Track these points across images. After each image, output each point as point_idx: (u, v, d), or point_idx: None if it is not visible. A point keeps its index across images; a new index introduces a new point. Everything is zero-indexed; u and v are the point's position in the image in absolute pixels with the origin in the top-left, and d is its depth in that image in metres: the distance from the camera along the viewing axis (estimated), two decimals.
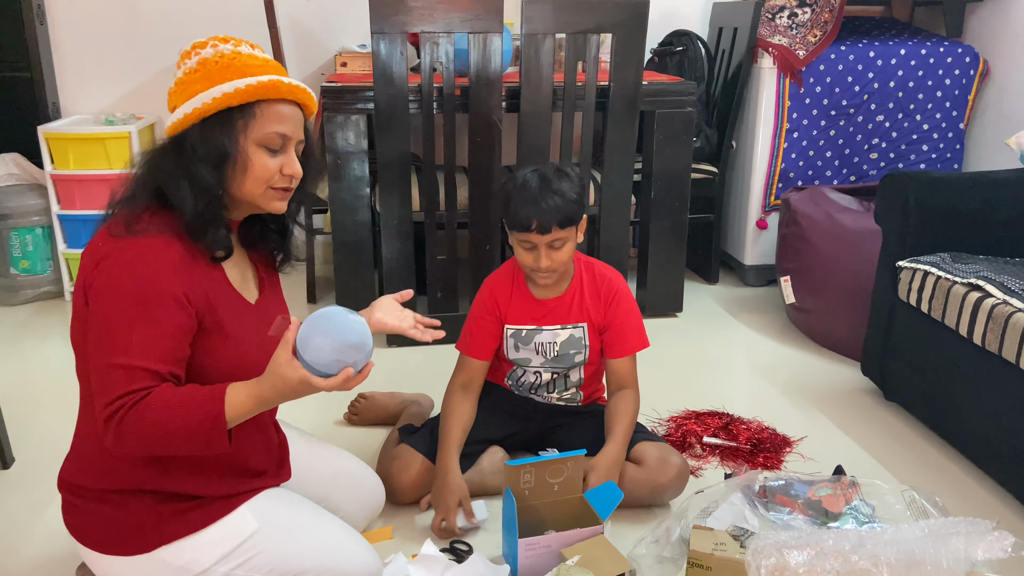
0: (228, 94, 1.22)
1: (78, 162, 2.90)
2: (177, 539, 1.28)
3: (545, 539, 1.52)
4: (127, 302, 1.16)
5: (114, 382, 1.14)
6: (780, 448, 2.04)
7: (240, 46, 1.27)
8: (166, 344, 1.17)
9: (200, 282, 1.23)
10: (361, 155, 2.55)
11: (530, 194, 1.66)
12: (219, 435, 1.16)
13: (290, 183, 1.30)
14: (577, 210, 1.70)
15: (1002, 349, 1.77)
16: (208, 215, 1.24)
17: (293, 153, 1.30)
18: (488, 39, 2.44)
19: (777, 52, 2.95)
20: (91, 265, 1.20)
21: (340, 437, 2.07)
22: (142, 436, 1.13)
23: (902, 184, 2.13)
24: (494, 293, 1.83)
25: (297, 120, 1.29)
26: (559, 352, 1.82)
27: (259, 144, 1.25)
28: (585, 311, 1.81)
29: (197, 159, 1.23)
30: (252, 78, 1.23)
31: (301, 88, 1.29)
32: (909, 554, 1.29)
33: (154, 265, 1.18)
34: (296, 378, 1.14)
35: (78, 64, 3.18)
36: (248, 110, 1.24)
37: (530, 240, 1.69)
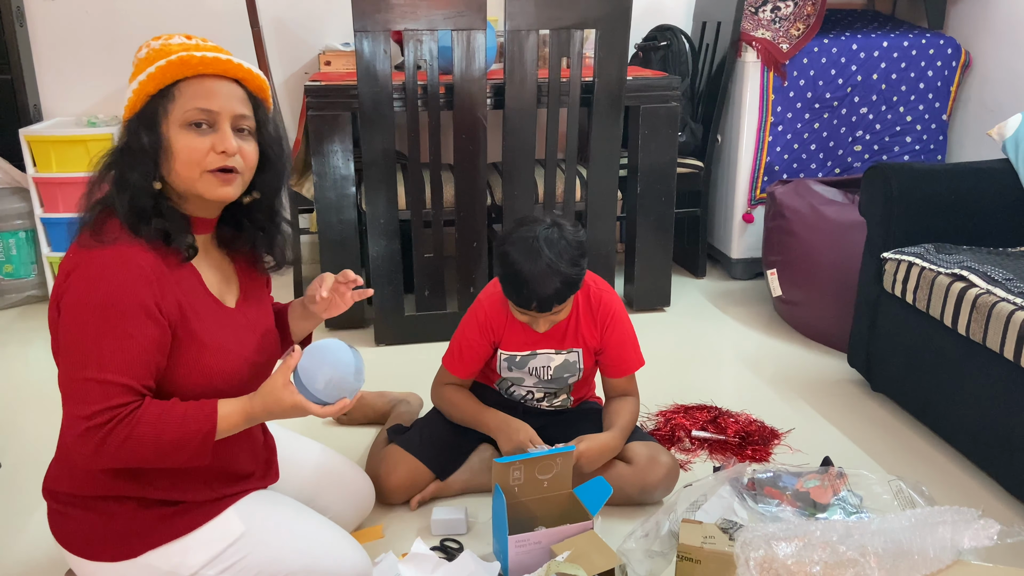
0: (143, 82, 1.18)
1: (60, 165, 2.88)
2: (163, 543, 1.27)
3: (535, 535, 1.52)
4: (96, 315, 1.13)
5: (89, 396, 1.12)
6: (768, 440, 2.04)
7: (172, 38, 1.22)
8: (138, 357, 1.15)
9: (172, 291, 1.20)
10: (346, 154, 2.54)
11: (529, 278, 1.56)
12: (205, 450, 1.18)
13: (226, 161, 1.20)
14: (577, 278, 1.61)
15: (986, 338, 1.78)
16: (139, 211, 1.18)
17: (227, 129, 1.20)
18: (472, 36, 2.44)
19: (760, 46, 2.95)
20: (62, 278, 1.18)
21: (329, 437, 2.06)
22: (128, 450, 1.13)
23: (886, 176, 2.14)
24: (489, 317, 1.76)
25: (229, 95, 1.21)
26: (553, 375, 1.80)
27: (182, 124, 1.18)
28: (580, 336, 1.77)
29: (125, 156, 1.19)
30: (163, 59, 1.17)
31: (222, 60, 1.19)
32: (896, 544, 1.30)
33: (121, 275, 1.15)
34: (290, 402, 1.20)
35: (59, 66, 3.15)
36: (168, 93, 1.18)
37: (528, 313, 1.66)
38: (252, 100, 1.26)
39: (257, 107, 1.27)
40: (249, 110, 1.24)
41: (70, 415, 1.13)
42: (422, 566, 1.52)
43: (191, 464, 1.19)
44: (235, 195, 1.24)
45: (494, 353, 1.80)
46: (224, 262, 1.36)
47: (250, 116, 1.25)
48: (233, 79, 1.23)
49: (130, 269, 1.15)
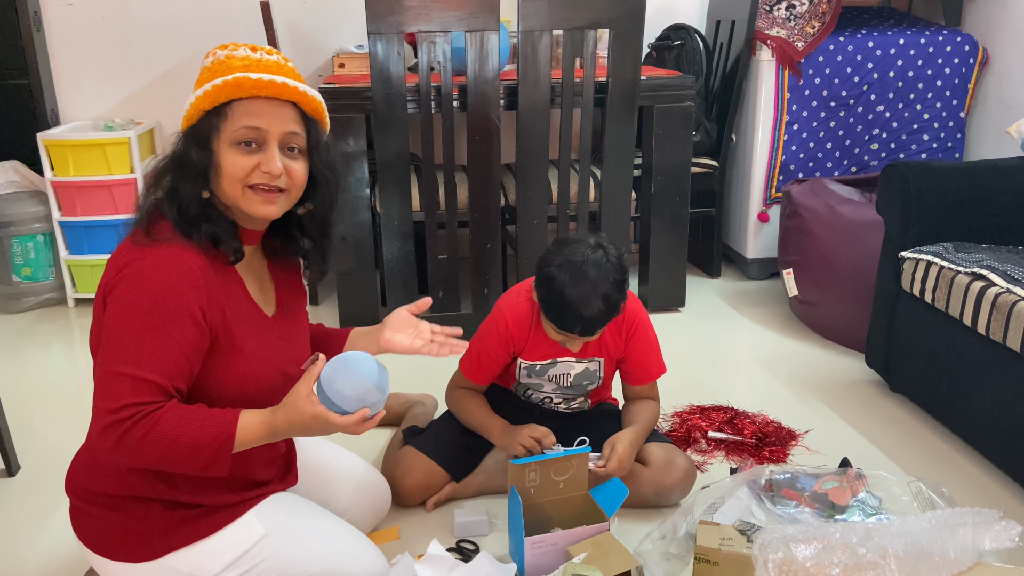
0: (199, 98, 1.20)
1: (78, 168, 2.90)
2: (184, 546, 1.28)
3: (551, 537, 1.52)
4: (142, 313, 1.15)
5: (118, 390, 1.13)
6: (785, 441, 2.03)
7: (238, 50, 1.24)
8: (175, 359, 1.16)
9: (217, 295, 1.22)
10: (360, 156, 2.54)
11: (574, 301, 1.54)
12: (223, 458, 1.16)
13: (271, 180, 1.22)
14: (621, 302, 1.59)
15: (1006, 338, 1.76)
16: (189, 218, 1.21)
17: (274, 150, 1.22)
18: (485, 37, 2.44)
19: (775, 44, 2.94)
20: (113, 272, 1.20)
21: (344, 439, 2.05)
22: (146, 448, 1.13)
23: (903, 174, 2.12)
24: (511, 331, 1.73)
25: (279, 114, 1.22)
26: (572, 383, 1.79)
27: (231, 142, 1.21)
28: (604, 347, 1.75)
29: (177, 167, 1.22)
30: (219, 78, 1.19)
31: (277, 83, 1.20)
32: (916, 546, 1.29)
33: (173, 277, 1.17)
34: (311, 412, 1.17)
35: (76, 70, 3.18)
36: (222, 111, 1.20)
37: (568, 336, 1.64)
38: (305, 120, 1.27)
39: (311, 127, 1.27)
40: (301, 128, 1.25)
41: (97, 408, 1.14)
42: (438, 568, 1.52)
43: (207, 473, 1.17)
44: (278, 214, 1.26)
45: (513, 361, 1.80)
46: (263, 273, 1.38)
47: (301, 133, 1.25)
48: (288, 100, 1.23)
49: (181, 271, 1.17)
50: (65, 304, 3.08)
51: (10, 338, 2.80)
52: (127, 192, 2.95)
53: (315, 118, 1.29)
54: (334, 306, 2.91)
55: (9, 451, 1.94)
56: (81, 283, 3.03)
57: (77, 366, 2.54)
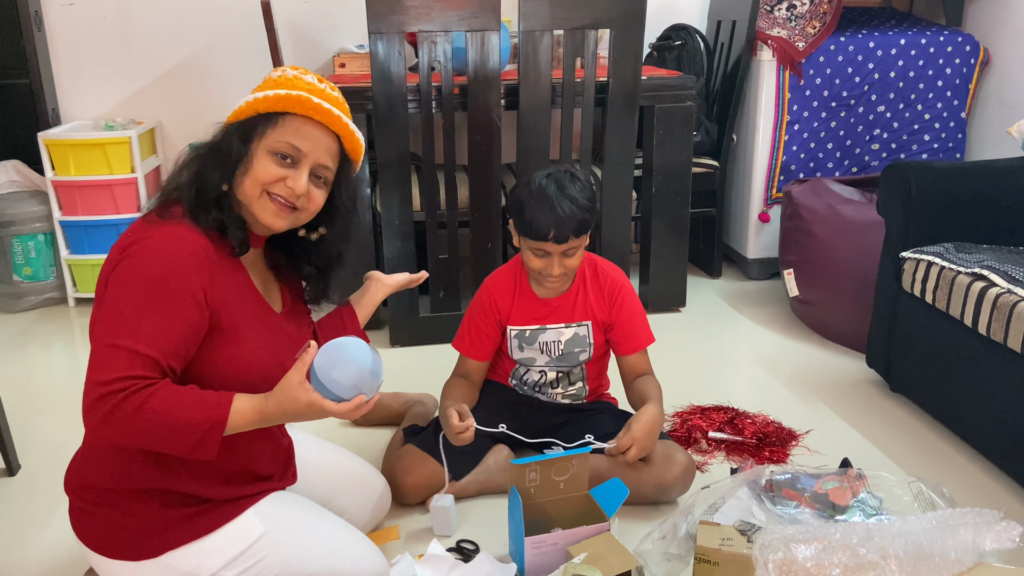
0: (257, 99, 1.26)
1: (79, 168, 2.90)
2: (184, 544, 1.28)
3: (551, 537, 1.52)
4: (143, 288, 1.16)
5: (113, 362, 1.13)
6: (786, 442, 2.03)
7: (307, 75, 1.30)
8: (173, 337, 1.17)
9: (221, 279, 1.24)
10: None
11: (547, 203, 1.64)
12: (212, 441, 1.15)
13: (291, 197, 1.27)
14: (591, 217, 1.69)
15: (1007, 338, 1.76)
16: (203, 203, 1.24)
17: (304, 172, 1.28)
18: (486, 37, 2.44)
19: (776, 44, 2.94)
20: (118, 251, 1.21)
21: (344, 438, 2.07)
22: (136, 423, 1.11)
23: (904, 174, 2.12)
24: (494, 296, 1.82)
25: (321, 143, 1.28)
26: (564, 351, 1.81)
27: (269, 150, 1.26)
28: (589, 309, 1.81)
29: (212, 154, 1.27)
30: (283, 89, 1.26)
31: (333, 114, 1.28)
32: (917, 546, 1.29)
33: (176, 255, 1.19)
34: (305, 400, 1.17)
35: (77, 70, 3.18)
36: (273, 119, 1.26)
37: (544, 248, 1.68)
38: (342, 157, 1.33)
39: (344, 165, 1.34)
40: (334, 164, 1.32)
41: (90, 380, 1.13)
42: (438, 567, 1.51)
43: (194, 455, 1.16)
44: (282, 228, 1.31)
45: (504, 337, 1.81)
46: (268, 276, 1.41)
47: (333, 168, 1.32)
48: (334, 132, 1.30)
49: (185, 250, 1.19)
50: (66, 304, 3.08)
51: (11, 337, 2.80)
52: (128, 192, 2.95)
53: (351, 157, 1.36)
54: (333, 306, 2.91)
55: (9, 450, 1.94)
56: (82, 283, 3.03)
57: (78, 366, 2.54)
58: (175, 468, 1.26)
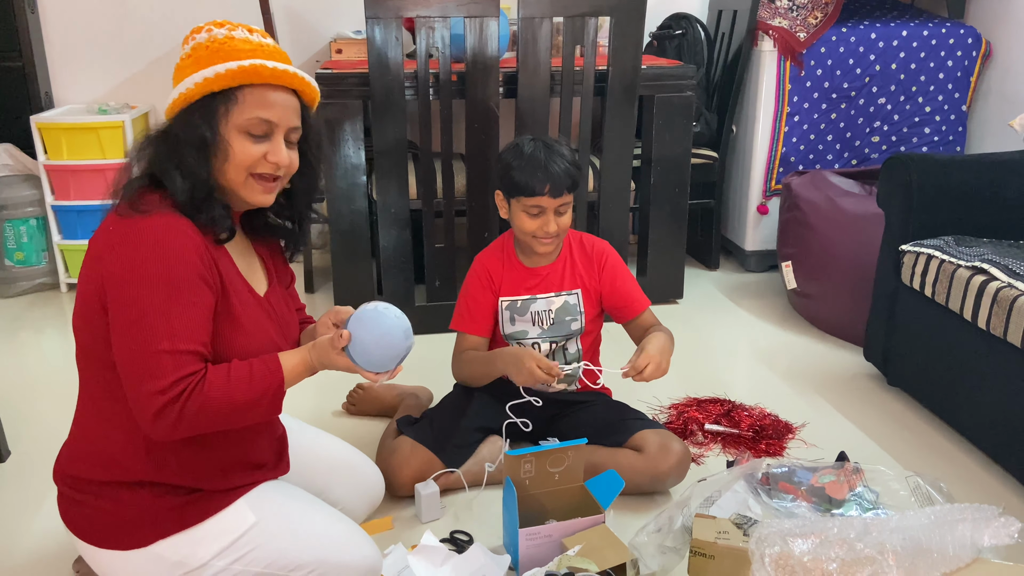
0: (208, 79, 1.20)
1: (71, 152, 2.87)
2: (174, 533, 1.26)
3: (546, 529, 1.50)
4: (160, 287, 1.14)
5: (162, 368, 1.12)
6: (782, 434, 2.02)
7: (235, 30, 1.24)
8: (203, 324, 1.17)
9: (214, 264, 1.22)
10: (357, 142, 2.52)
11: (538, 160, 1.68)
12: (278, 405, 1.23)
13: (276, 171, 1.25)
14: (579, 176, 1.74)
15: (1007, 333, 1.75)
16: (199, 197, 1.21)
17: (281, 141, 1.25)
18: (484, 23, 2.41)
19: (777, 35, 2.91)
20: (105, 250, 1.17)
21: (338, 427, 2.05)
22: (206, 417, 1.15)
23: (905, 167, 2.10)
24: (486, 266, 1.84)
25: (287, 107, 1.25)
26: (555, 319, 1.82)
27: (241, 130, 1.22)
28: (578, 277, 1.83)
29: (182, 144, 1.21)
30: (234, 62, 1.20)
31: (290, 73, 1.23)
32: (915, 541, 1.28)
33: (177, 245, 1.16)
34: (343, 365, 1.25)
35: (70, 53, 3.14)
36: (231, 95, 1.21)
37: (540, 205, 1.70)
38: (303, 110, 1.30)
39: (306, 116, 1.31)
40: (300, 121, 1.28)
41: (145, 392, 1.12)
42: (432, 558, 1.50)
43: (267, 418, 1.25)
44: (271, 201, 1.29)
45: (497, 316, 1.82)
46: (249, 251, 1.38)
47: (300, 127, 1.29)
48: (292, 90, 1.26)
49: (181, 238, 1.17)
50: (58, 289, 3.06)
51: (2, 323, 2.77)
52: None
53: (310, 106, 1.32)
54: (330, 295, 2.89)
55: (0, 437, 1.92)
56: (74, 268, 3.01)
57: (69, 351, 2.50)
58: (166, 460, 1.25)
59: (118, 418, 1.24)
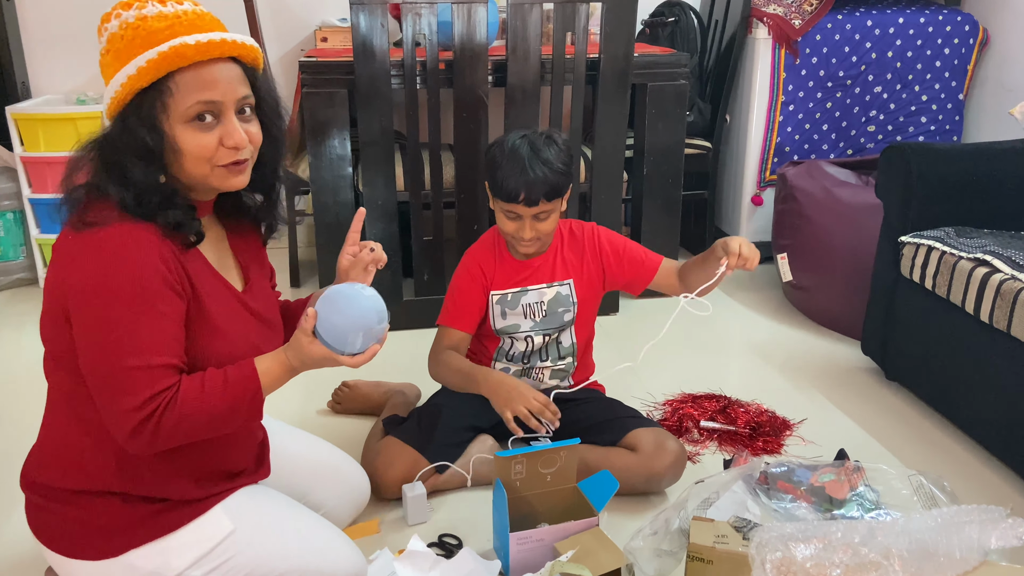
0: (132, 76, 1.08)
1: (49, 144, 2.79)
2: (147, 542, 1.21)
3: (538, 532, 1.45)
4: (125, 301, 1.07)
5: (135, 385, 1.07)
6: (780, 431, 1.97)
7: (145, 7, 1.11)
8: (174, 335, 1.11)
9: (183, 269, 1.14)
10: (342, 133, 2.45)
11: (518, 164, 1.60)
12: (258, 408, 1.17)
13: (237, 155, 1.15)
14: (565, 181, 1.65)
15: (1011, 327, 1.70)
16: (152, 203, 1.11)
17: (233, 120, 1.13)
18: (472, 10, 2.34)
19: (772, 22, 2.85)
20: (63, 264, 1.10)
21: (323, 427, 1.99)
22: (183, 430, 1.11)
23: (904, 156, 2.05)
24: (479, 261, 1.78)
25: (229, 79, 1.12)
26: (547, 311, 1.76)
27: (185, 120, 1.11)
28: (570, 266, 1.77)
29: (123, 153, 1.10)
30: (153, 50, 1.07)
31: (217, 42, 1.10)
32: (921, 545, 1.23)
33: (138, 254, 1.08)
34: (319, 354, 1.16)
35: (47, 42, 3.06)
36: (162, 87, 1.09)
37: (515, 211, 1.64)
38: (248, 74, 1.18)
39: (254, 80, 1.19)
40: (248, 87, 1.17)
41: (118, 410, 1.08)
42: (419, 564, 1.45)
43: (249, 424, 1.21)
44: (247, 182, 1.20)
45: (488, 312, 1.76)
46: (222, 243, 1.30)
47: (250, 94, 1.17)
48: (228, 58, 1.14)
49: (143, 247, 1.09)
50: (36, 285, 2.98)
51: None
52: None
53: (255, 66, 1.19)
54: (315, 288, 2.82)
55: None
56: None
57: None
58: (138, 470, 1.19)
59: (87, 426, 1.18)
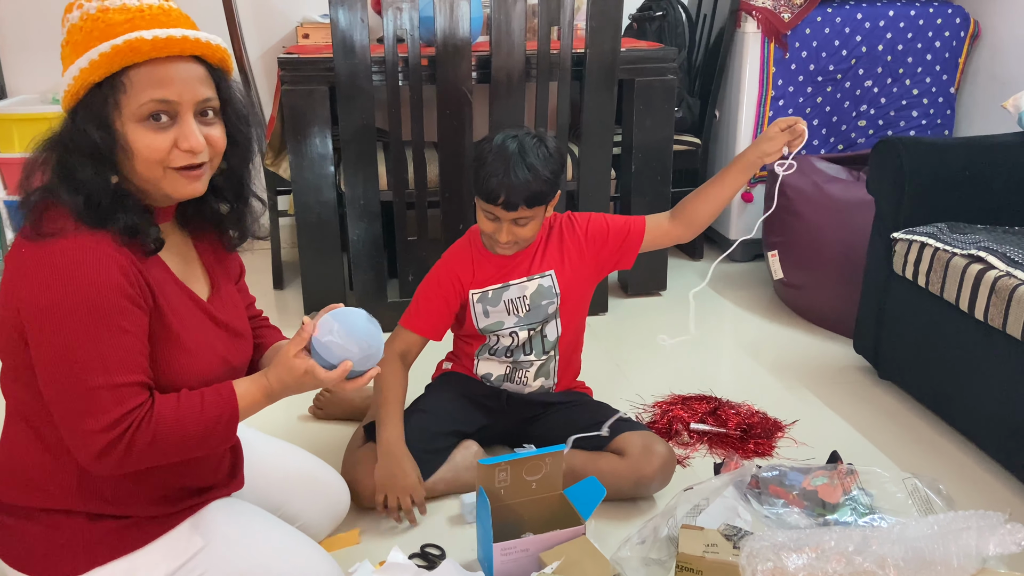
0: (84, 69, 1.02)
1: (23, 144, 2.73)
2: (112, 559, 1.15)
3: (522, 542, 1.40)
4: (84, 316, 1.01)
5: (100, 405, 1.02)
6: (771, 433, 1.93)
7: None
8: (139, 350, 1.06)
9: (143, 281, 1.08)
10: (323, 131, 2.39)
11: (503, 165, 1.54)
12: (233, 432, 1.14)
13: (193, 159, 1.07)
14: (549, 190, 1.59)
15: (1006, 324, 1.66)
16: (99, 209, 1.04)
17: (190, 122, 1.06)
18: (455, 4, 2.29)
19: (761, 15, 2.81)
20: (18, 276, 1.03)
21: (304, 432, 1.94)
22: (156, 450, 1.07)
23: (896, 151, 2.01)
24: (454, 267, 1.71)
25: (188, 79, 1.05)
26: (531, 305, 1.70)
27: (138, 119, 1.04)
28: (549, 258, 1.71)
29: (70, 153, 1.04)
30: (107, 43, 1.00)
31: (177, 39, 1.03)
32: (917, 553, 1.19)
33: (96, 267, 1.01)
34: (301, 368, 1.14)
35: (23, 41, 2.99)
36: (115, 83, 1.02)
37: (494, 212, 1.59)
38: (214, 75, 1.11)
39: (220, 82, 1.12)
40: (212, 89, 1.09)
41: (84, 431, 1.02)
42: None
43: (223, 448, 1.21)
44: (204, 189, 1.12)
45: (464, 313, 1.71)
46: (188, 250, 1.24)
47: (213, 96, 1.10)
48: (192, 57, 1.07)
49: (101, 260, 1.02)
50: None
51: None
52: None
53: (222, 68, 1.13)
54: (298, 291, 2.77)
55: None
56: None
57: None
58: (100, 490, 1.13)
59: (45, 442, 1.12)
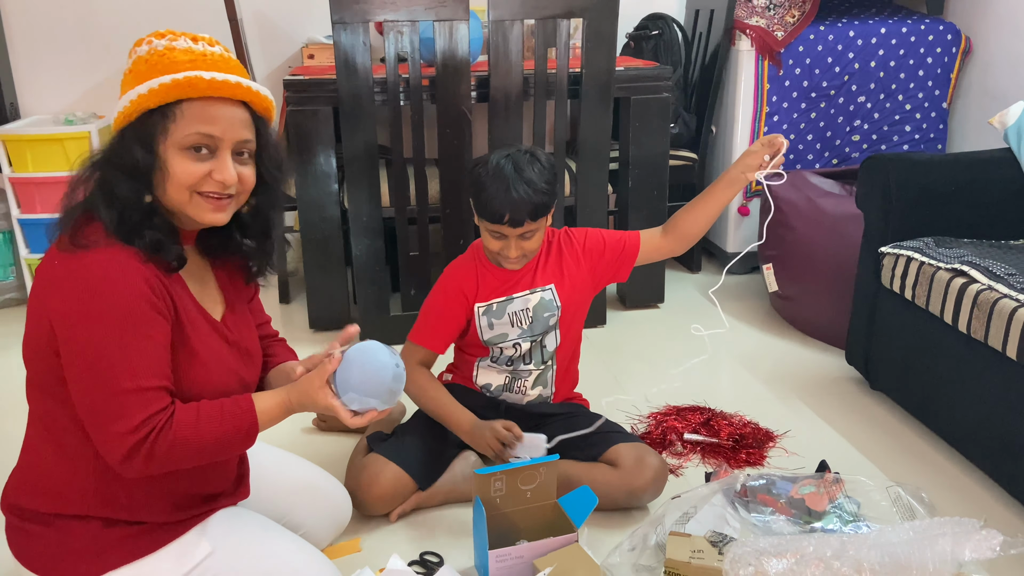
0: (143, 95, 1.12)
1: (36, 164, 2.81)
2: (124, 564, 1.21)
3: (517, 549, 1.45)
4: (114, 324, 1.09)
5: (128, 410, 1.09)
6: (763, 443, 1.98)
7: (177, 40, 1.16)
8: (163, 357, 1.13)
9: (166, 289, 1.16)
10: (328, 150, 2.46)
11: (502, 185, 1.61)
12: (250, 443, 1.21)
13: (223, 189, 1.17)
14: (548, 200, 1.66)
15: (988, 336, 1.71)
16: (130, 224, 1.14)
17: (227, 157, 1.16)
18: (454, 26, 2.36)
19: (755, 34, 2.87)
20: (47, 285, 1.12)
21: (309, 444, 2.00)
22: (176, 455, 1.13)
23: (883, 167, 2.06)
24: (460, 282, 1.77)
25: (232, 120, 1.16)
26: (533, 317, 1.76)
27: (180, 147, 1.14)
28: (549, 272, 1.78)
29: (114, 170, 1.14)
30: (168, 76, 1.12)
31: (231, 84, 1.15)
32: (893, 558, 1.24)
33: (125, 279, 1.10)
34: (325, 404, 1.22)
35: (36, 62, 3.08)
36: (168, 112, 1.13)
37: (501, 231, 1.65)
38: (257, 121, 1.22)
39: (260, 128, 1.23)
40: (252, 133, 1.20)
41: (112, 434, 1.09)
42: None
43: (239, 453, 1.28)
44: (226, 220, 1.21)
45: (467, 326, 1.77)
46: (205, 272, 1.31)
47: (252, 139, 1.21)
48: (240, 101, 1.18)
49: (128, 271, 1.11)
50: (25, 305, 2.98)
51: None
52: None
53: (264, 116, 1.23)
54: (303, 305, 2.83)
55: None
56: None
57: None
58: (116, 495, 1.19)
59: (64, 450, 1.19)
